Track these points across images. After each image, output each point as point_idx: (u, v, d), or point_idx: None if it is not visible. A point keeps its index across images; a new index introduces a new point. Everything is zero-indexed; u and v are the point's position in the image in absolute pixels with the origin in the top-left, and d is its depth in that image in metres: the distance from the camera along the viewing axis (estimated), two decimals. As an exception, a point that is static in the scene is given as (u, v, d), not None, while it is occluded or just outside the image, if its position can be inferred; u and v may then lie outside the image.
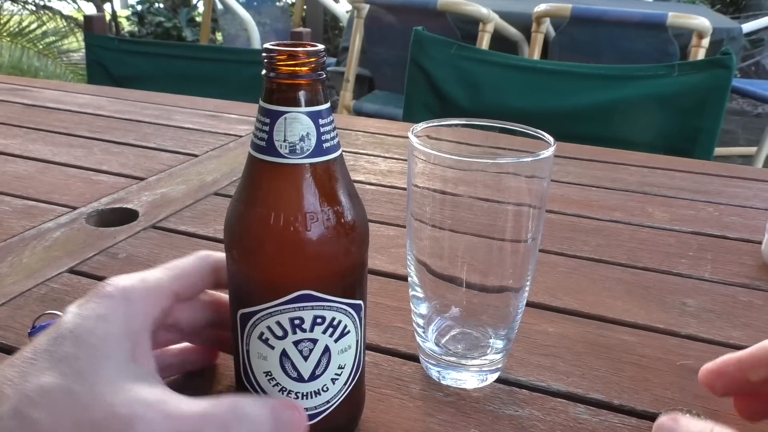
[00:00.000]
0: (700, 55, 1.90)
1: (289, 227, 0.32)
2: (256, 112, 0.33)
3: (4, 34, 3.70)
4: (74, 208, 0.70)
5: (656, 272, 0.61)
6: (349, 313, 0.34)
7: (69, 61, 3.80)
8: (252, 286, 0.34)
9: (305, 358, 0.34)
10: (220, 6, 3.44)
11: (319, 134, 0.31)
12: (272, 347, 0.34)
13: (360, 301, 0.35)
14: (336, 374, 0.35)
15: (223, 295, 0.39)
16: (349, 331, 0.35)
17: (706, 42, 1.89)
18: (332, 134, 0.32)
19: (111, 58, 1.57)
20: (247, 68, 1.52)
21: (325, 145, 0.32)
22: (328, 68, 0.33)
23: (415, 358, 0.46)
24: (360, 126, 1.05)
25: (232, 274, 0.35)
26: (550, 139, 0.40)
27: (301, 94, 0.31)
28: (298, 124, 0.31)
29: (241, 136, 0.96)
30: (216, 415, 0.30)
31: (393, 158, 0.89)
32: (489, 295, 0.42)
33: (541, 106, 1.36)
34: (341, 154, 0.34)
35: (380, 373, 0.45)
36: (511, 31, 2.54)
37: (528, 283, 0.42)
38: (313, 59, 0.31)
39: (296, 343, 0.33)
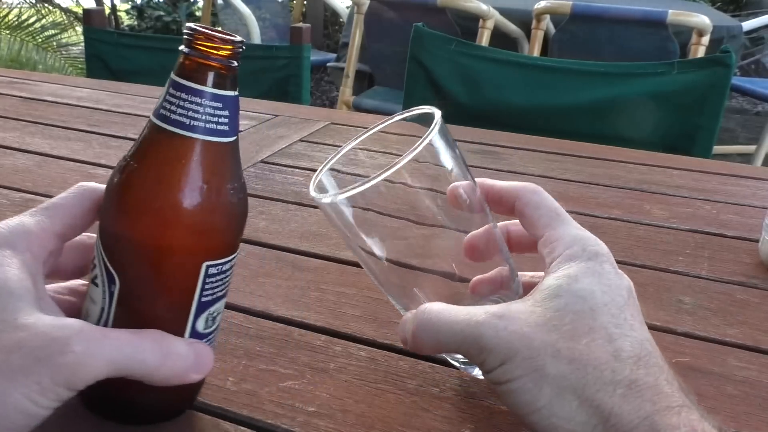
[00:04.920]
0: (700, 53, 1.90)
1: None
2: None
3: (3, 27, 3.69)
4: (72, 202, 0.70)
5: (653, 269, 0.61)
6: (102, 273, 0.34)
7: (68, 55, 3.79)
8: None
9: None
10: (220, 1, 3.44)
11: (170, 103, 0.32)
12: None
13: (113, 273, 0.33)
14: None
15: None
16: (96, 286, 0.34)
17: (706, 40, 1.89)
18: (180, 110, 0.32)
19: (110, 51, 1.57)
20: (246, 63, 1.51)
21: (173, 116, 0.32)
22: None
23: (411, 354, 0.46)
24: (359, 122, 1.05)
25: None
26: (435, 116, 0.37)
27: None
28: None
29: (240, 131, 0.95)
30: (149, 336, 0.32)
31: (392, 153, 0.89)
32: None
33: (540, 103, 1.36)
34: (197, 141, 0.32)
35: (376, 369, 0.45)
36: (512, 27, 2.54)
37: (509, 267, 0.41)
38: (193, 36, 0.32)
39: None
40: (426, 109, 0.39)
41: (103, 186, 0.37)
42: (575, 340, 0.30)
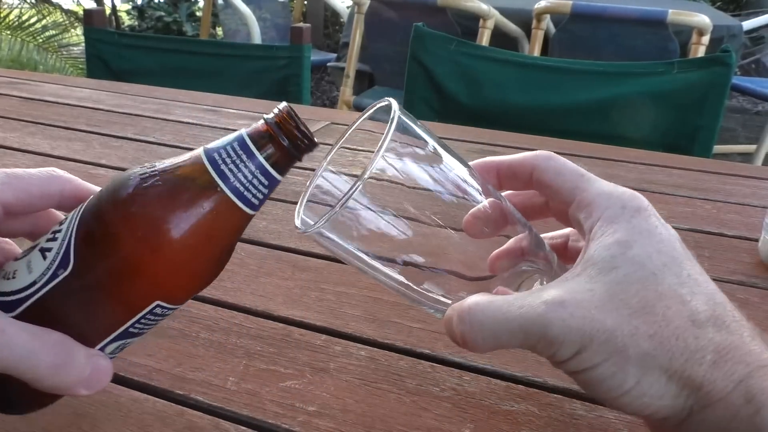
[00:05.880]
0: (700, 52, 1.89)
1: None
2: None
3: (4, 27, 3.70)
4: (73, 202, 0.70)
5: (653, 269, 0.61)
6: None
7: (69, 55, 3.80)
8: None
9: None
10: (220, 1, 3.44)
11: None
12: None
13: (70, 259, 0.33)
14: None
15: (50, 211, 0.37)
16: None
17: (706, 39, 1.88)
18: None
19: (111, 52, 1.57)
20: (247, 63, 1.52)
21: (222, 166, 0.32)
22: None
23: (411, 353, 0.46)
24: (359, 121, 1.04)
25: None
26: (393, 107, 0.34)
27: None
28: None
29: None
30: (50, 340, 0.30)
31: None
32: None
33: (540, 102, 1.36)
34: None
35: (376, 368, 0.45)
36: (512, 27, 2.54)
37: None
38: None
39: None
40: (384, 102, 0.36)
41: (74, 179, 0.36)
42: (649, 312, 0.29)
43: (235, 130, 0.33)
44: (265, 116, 0.33)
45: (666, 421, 0.29)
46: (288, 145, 0.32)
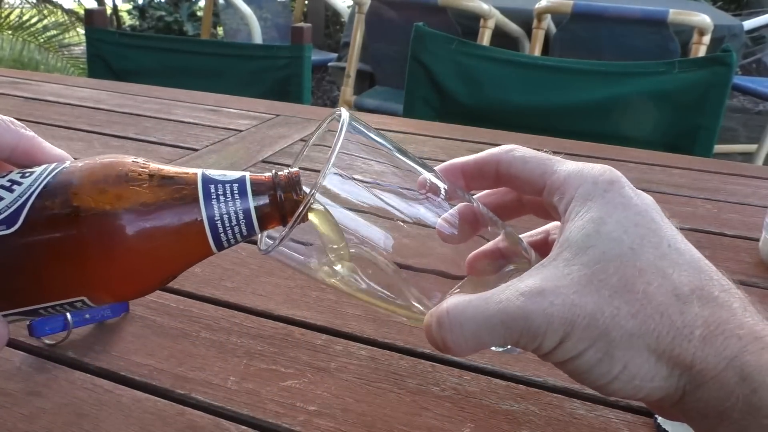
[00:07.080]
0: (701, 52, 1.89)
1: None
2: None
3: (5, 27, 3.70)
4: (74, 202, 0.70)
5: (654, 269, 0.61)
6: None
7: (70, 55, 3.80)
8: None
9: None
10: (221, 0, 3.44)
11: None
12: None
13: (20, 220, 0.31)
14: None
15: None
16: None
17: (707, 39, 1.88)
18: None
19: (112, 51, 1.57)
20: (248, 63, 1.52)
21: (213, 200, 0.31)
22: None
23: (411, 353, 0.47)
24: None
25: None
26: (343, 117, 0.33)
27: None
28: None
29: (241, 131, 0.96)
30: None
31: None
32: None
33: (541, 102, 1.36)
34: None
35: (377, 368, 0.45)
36: (512, 27, 2.54)
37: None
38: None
39: None
40: (337, 111, 0.35)
41: (33, 137, 0.34)
42: (629, 290, 0.27)
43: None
44: (275, 170, 0.32)
45: (662, 402, 0.29)
46: (281, 202, 0.32)
